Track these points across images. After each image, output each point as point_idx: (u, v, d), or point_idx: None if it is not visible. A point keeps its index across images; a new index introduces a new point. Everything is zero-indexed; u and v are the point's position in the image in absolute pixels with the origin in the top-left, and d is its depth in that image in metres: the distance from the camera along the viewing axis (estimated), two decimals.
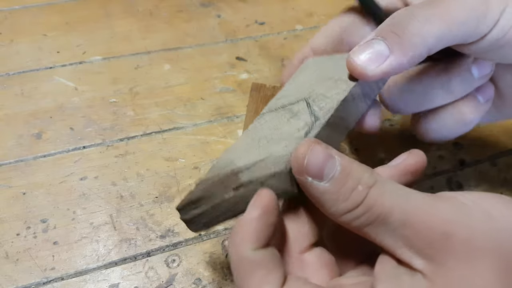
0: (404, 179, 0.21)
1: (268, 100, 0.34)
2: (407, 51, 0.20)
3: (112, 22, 0.43)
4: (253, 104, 0.34)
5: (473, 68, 0.25)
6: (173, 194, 0.30)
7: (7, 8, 0.44)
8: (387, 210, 0.18)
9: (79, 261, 0.27)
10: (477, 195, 0.18)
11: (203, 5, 0.46)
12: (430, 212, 0.17)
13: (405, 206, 0.18)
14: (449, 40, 0.21)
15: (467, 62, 0.25)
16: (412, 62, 0.21)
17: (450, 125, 0.26)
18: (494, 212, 0.17)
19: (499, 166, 0.34)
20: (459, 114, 0.26)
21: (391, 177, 0.21)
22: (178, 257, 0.27)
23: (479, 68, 0.25)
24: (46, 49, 0.40)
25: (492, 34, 0.21)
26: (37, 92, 0.36)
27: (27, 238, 0.27)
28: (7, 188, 0.30)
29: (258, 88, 0.35)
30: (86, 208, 0.29)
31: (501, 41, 0.21)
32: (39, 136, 0.33)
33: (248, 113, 0.33)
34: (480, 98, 0.26)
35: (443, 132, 0.27)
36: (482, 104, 0.26)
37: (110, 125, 0.34)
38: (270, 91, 0.35)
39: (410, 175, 0.21)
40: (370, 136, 0.35)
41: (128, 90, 0.37)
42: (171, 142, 0.33)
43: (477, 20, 0.21)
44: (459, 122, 0.26)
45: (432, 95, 0.25)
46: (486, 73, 0.25)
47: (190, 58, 0.40)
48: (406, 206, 0.18)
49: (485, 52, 0.22)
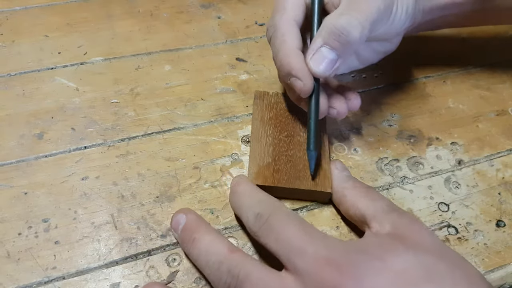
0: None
1: (272, 107, 0.34)
2: (348, 55, 0.29)
3: (113, 23, 0.43)
4: (258, 112, 0.34)
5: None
6: (173, 193, 0.30)
7: (8, 9, 0.44)
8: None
9: (80, 260, 0.27)
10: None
11: (203, 6, 0.46)
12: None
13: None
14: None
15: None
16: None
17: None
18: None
19: (497, 166, 0.34)
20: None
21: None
22: (178, 256, 0.27)
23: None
24: (47, 50, 0.40)
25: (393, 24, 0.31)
26: (38, 92, 0.36)
27: (28, 237, 0.28)
28: (8, 188, 0.30)
29: (262, 96, 0.35)
30: (87, 208, 0.29)
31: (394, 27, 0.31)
32: (41, 136, 0.33)
33: (254, 121, 0.33)
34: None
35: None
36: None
37: (111, 125, 0.34)
38: (273, 98, 0.35)
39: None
40: (369, 136, 0.35)
41: (129, 90, 0.37)
42: (171, 142, 0.33)
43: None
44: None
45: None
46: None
47: (191, 59, 0.40)
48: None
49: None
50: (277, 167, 0.30)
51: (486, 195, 0.32)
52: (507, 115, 0.38)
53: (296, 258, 0.22)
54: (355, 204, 0.27)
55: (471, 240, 0.30)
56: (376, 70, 0.41)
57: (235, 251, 0.24)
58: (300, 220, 0.24)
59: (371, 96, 0.38)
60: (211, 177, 0.32)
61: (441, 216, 0.31)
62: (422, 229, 0.24)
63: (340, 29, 0.27)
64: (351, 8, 0.28)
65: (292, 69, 0.28)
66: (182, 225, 0.27)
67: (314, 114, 0.30)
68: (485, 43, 0.45)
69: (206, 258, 0.24)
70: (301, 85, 0.28)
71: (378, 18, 0.28)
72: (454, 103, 0.39)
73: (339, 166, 0.30)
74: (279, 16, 0.30)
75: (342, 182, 0.29)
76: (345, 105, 0.31)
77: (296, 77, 0.28)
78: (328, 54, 0.28)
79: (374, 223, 0.25)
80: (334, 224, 0.30)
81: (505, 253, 0.29)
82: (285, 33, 0.29)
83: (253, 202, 0.26)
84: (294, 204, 0.31)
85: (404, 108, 0.38)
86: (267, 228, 0.24)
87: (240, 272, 0.23)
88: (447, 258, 0.23)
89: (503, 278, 0.28)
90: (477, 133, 0.36)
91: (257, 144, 0.32)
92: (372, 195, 0.27)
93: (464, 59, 0.43)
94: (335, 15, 0.28)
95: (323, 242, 0.23)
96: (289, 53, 0.28)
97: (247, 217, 0.25)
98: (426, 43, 0.44)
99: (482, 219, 0.31)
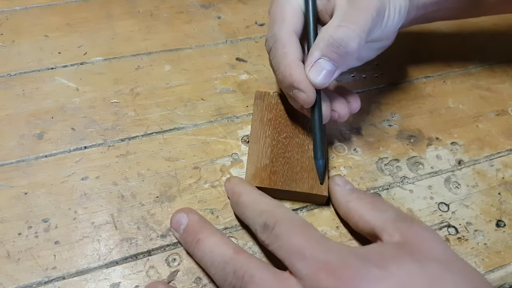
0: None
1: (272, 108, 0.34)
2: (346, 65, 0.29)
3: (113, 23, 0.43)
4: (258, 112, 0.34)
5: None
6: (173, 193, 0.30)
7: (8, 9, 0.44)
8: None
9: (80, 260, 0.27)
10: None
11: (203, 6, 0.46)
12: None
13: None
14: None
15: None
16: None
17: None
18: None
19: (497, 166, 0.34)
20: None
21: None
22: (178, 256, 0.27)
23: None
24: (47, 50, 0.40)
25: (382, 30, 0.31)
26: (38, 92, 0.36)
27: (28, 237, 0.28)
28: (8, 188, 0.30)
29: (262, 97, 0.35)
30: (87, 208, 0.29)
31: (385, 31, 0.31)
32: (41, 136, 0.33)
33: (253, 122, 0.33)
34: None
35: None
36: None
37: (111, 125, 0.34)
38: (274, 99, 0.35)
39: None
40: (369, 136, 0.35)
41: (129, 90, 0.37)
42: (171, 142, 0.34)
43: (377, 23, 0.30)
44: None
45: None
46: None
47: (191, 59, 0.40)
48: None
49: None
50: (274, 168, 0.30)
51: (486, 195, 0.32)
52: (507, 115, 0.38)
53: (297, 262, 0.22)
54: (362, 217, 0.27)
55: (471, 240, 0.30)
56: (376, 70, 0.41)
57: (241, 252, 0.24)
58: (304, 225, 0.25)
59: (371, 96, 0.38)
60: (211, 177, 0.32)
61: (441, 216, 0.31)
62: (433, 238, 0.24)
63: (338, 41, 0.28)
64: (347, 20, 0.28)
65: (294, 81, 0.28)
66: (184, 225, 0.27)
67: (318, 124, 0.30)
68: (485, 43, 0.45)
69: (212, 259, 0.25)
70: (304, 97, 0.29)
71: (372, 26, 0.29)
72: (454, 103, 0.39)
73: (340, 181, 0.30)
74: (279, 27, 0.30)
75: (346, 197, 0.28)
76: (346, 108, 0.31)
77: (299, 89, 0.29)
78: (326, 65, 0.28)
79: (385, 235, 0.25)
80: (334, 224, 0.30)
81: (505, 253, 0.29)
82: (285, 45, 0.29)
83: (257, 213, 0.26)
84: (294, 204, 0.31)
85: (404, 108, 0.38)
86: (273, 236, 0.24)
87: (245, 273, 0.23)
88: (456, 269, 0.22)
89: (503, 278, 0.28)
90: (477, 133, 0.36)
91: (255, 145, 0.32)
92: (379, 205, 0.27)
93: (464, 59, 0.43)
94: (332, 27, 0.28)
95: (323, 246, 0.23)
96: (290, 65, 0.28)
97: (255, 229, 0.26)
98: (426, 43, 0.44)
99: (482, 219, 0.31)
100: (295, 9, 0.30)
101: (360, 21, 0.28)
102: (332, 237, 0.29)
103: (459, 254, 0.29)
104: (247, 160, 0.31)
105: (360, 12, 0.28)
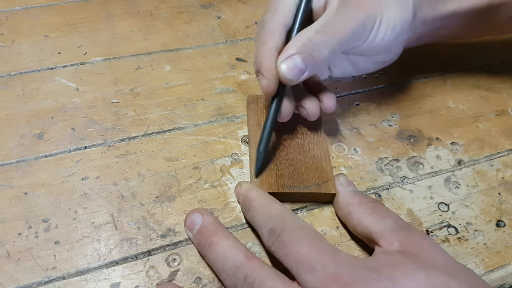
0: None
1: (267, 110, 0.34)
2: (316, 70, 0.30)
3: (113, 23, 0.43)
4: (253, 117, 0.34)
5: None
6: (173, 193, 0.30)
7: (8, 9, 0.44)
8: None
9: (80, 260, 0.27)
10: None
11: (203, 6, 0.46)
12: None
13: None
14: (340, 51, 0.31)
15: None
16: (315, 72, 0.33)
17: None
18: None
19: (497, 166, 0.34)
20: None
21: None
22: (178, 256, 0.27)
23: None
24: (47, 50, 0.40)
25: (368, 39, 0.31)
26: (38, 92, 0.36)
27: (28, 237, 0.28)
28: (8, 188, 0.30)
29: (255, 100, 0.35)
30: (87, 208, 0.29)
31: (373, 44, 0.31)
32: (41, 136, 0.33)
33: (250, 127, 0.33)
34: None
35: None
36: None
37: (111, 125, 0.34)
38: (267, 101, 0.35)
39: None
40: (369, 136, 0.35)
41: (129, 90, 0.37)
42: (171, 142, 0.34)
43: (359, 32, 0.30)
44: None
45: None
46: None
47: (191, 59, 0.40)
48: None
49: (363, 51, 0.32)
50: (279, 172, 0.30)
51: (486, 195, 0.32)
52: (507, 115, 0.38)
53: (305, 273, 0.22)
54: (361, 222, 0.27)
55: (471, 240, 0.30)
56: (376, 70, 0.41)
57: (252, 258, 0.24)
58: (312, 233, 0.24)
59: (371, 96, 0.38)
60: (211, 177, 0.32)
61: (441, 216, 0.31)
62: (432, 246, 0.24)
63: (315, 44, 0.28)
64: (327, 27, 0.29)
65: (262, 67, 0.29)
66: (198, 225, 0.27)
67: (271, 116, 0.30)
68: (485, 43, 0.45)
69: (223, 263, 0.25)
70: (265, 85, 0.29)
71: (353, 38, 0.29)
72: (454, 103, 0.39)
73: (344, 180, 0.30)
74: (270, 16, 0.30)
75: (347, 199, 0.29)
76: (317, 106, 0.32)
77: (263, 76, 0.29)
78: (299, 63, 0.29)
79: (382, 241, 0.25)
80: (334, 224, 0.30)
81: (505, 253, 0.29)
82: (268, 33, 0.30)
83: (266, 218, 0.26)
84: (294, 205, 0.31)
85: (404, 108, 0.38)
86: (279, 243, 0.24)
87: (255, 280, 0.23)
88: (460, 277, 0.22)
89: (503, 278, 0.28)
90: (477, 133, 0.36)
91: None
92: (379, 212, 0.27)
93: (464, 59, 0.43)
94: (312, 30, 0.29)
95: (332, 258, 0.23)
96: (264, 53, 0.29)
97: (262, 234, 0.26)
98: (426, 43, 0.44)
99: (482, 219, 0.31)
100: (290, 3, 0.31)
101: (338, 32, 0.29)
102: (332, 237, 0.29)
103: (459, 254, 0.29)
104: (249, 166, 0.31)
105: (342, 23, 0.29)
